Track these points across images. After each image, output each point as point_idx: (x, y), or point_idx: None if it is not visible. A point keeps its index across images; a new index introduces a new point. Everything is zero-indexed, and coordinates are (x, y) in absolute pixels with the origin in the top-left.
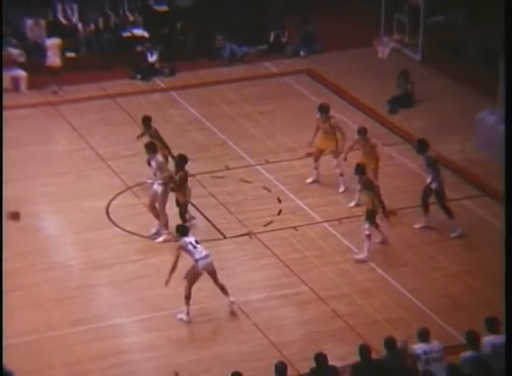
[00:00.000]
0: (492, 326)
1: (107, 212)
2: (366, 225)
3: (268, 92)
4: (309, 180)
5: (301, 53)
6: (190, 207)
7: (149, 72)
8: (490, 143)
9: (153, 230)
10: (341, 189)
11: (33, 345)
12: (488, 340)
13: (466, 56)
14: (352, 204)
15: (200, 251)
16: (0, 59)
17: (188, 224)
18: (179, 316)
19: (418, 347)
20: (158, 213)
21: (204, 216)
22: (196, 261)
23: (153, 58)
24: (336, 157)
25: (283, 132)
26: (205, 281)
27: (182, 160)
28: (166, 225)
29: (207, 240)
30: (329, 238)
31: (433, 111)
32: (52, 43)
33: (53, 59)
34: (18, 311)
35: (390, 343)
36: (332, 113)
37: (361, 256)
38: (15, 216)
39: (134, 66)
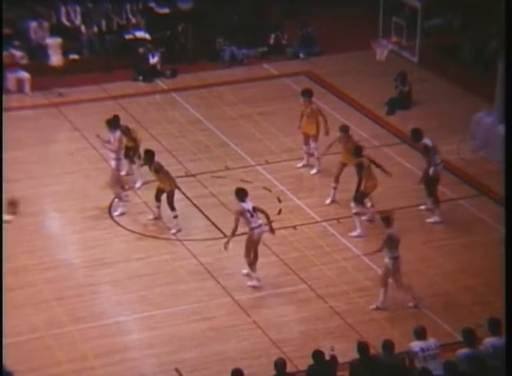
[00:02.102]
0: (494, 327)
1: (109, 211)
2: (352, 204)
3: (268, 93)
4: (299, 165)
5: (301, 55)
6: (187, 208)
7: (150, 74)
8: (486, 144)
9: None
10: (314, 170)
11: (37, 342)
12: (490, 341)
13: (463, 58)
14: (328, 201)
15: (256, 219)
16: (0, 60)
17: (151, 217)
18: (249, 283)
19: (415, 345)
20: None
21: (205, 215)
22: (252, 229)
23: (154, 60)
24: (315, 141)
25: (282, 133)
26: (206, 280)
27: (148, 155)
28: (120, 198)
29: (207, 239)
30: (328, 237)
31: (430, 112)
32: (53, 42)
33: (55, 57)
34: (21, 309)
35: (388, 346)
36: (334, 113)
37: (355, 233)
38: (13, 204)
39: (136, 68)
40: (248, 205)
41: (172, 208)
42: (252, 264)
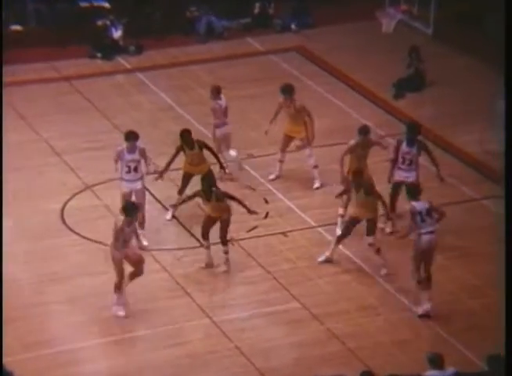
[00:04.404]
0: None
1: (62, 216)
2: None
3: (253, 73)
4: (272, 177)
5: (292, 27)
6: (157, 211)
7: (111, 50)
8: None
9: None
10: (316, 184)
11: None
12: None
13: (487, 29)
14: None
15: (428, 224)
16: (0, 58)
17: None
18: (419, 310)
19: (430, 375)
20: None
21: (178, 220)
22: (420, 235)
23: (117, 33)
24: (309, 145)
25: (269, 121)
26: (180, 298)
27: (207, 180)
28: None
29: (181, 248)
30: (324, 245)
31: (446, 95)
32: None
33: None
34: None
35: None
36: (330, 97)
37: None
38: None
39: (93, 43)
40: (421, 205)
41: (225, 242)
42: (421, 281)
